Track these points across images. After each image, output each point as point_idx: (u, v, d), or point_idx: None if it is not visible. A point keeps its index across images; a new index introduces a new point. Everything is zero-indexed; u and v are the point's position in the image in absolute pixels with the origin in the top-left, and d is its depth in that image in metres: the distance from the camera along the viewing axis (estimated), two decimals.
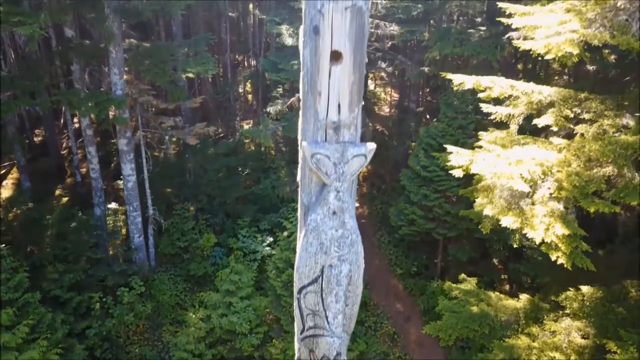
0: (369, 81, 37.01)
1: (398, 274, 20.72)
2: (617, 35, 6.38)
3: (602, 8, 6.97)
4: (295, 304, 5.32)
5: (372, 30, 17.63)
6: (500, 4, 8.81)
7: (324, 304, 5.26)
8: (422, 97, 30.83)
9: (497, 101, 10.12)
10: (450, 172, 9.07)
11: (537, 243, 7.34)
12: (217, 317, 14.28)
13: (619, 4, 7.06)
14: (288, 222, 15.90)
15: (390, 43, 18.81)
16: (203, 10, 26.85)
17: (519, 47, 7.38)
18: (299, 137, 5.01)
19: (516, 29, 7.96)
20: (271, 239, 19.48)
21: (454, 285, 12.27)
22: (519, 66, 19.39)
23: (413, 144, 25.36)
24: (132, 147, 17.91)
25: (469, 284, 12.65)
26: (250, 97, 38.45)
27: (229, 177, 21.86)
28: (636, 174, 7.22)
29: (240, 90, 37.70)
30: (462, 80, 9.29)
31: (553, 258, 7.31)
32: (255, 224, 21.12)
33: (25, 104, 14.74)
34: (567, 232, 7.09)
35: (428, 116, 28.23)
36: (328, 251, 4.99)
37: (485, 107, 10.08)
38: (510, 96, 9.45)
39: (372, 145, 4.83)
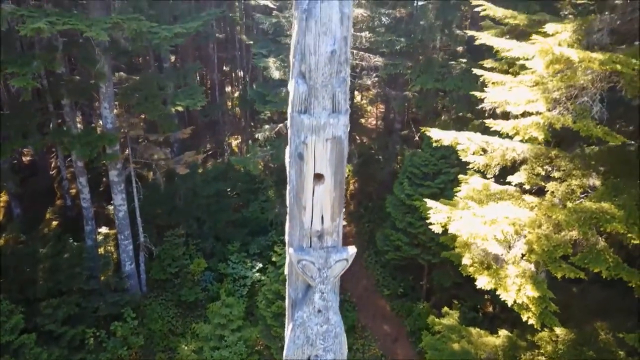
0: (355, 92, 37.48)
1: (385, 295, 21.25)
2: (579, 119, 6.93)
3: (567, 86, 7.53)
4: None
5: (357, 62, 18.13)
6: (475, 70, 9.35)
7: None
8: (407, 110, 31.36)
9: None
10: (430, 227, 9.59)
11: (510, 304, 7.88)
12: (209, 350, 14.70)
13: (581, 81, 7.63)
14: (276, 254, 16.34)
15: (375, 75, 19.33)
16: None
17: (491, 127, 7.92)
18: (286, 239, 5.50)
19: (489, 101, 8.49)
20: (260, 265, 19.91)
21: (437, 320, 12.81)
22: None
23: (400, 157, 25.97)
24: (123, 179, 18.23)
25: (452, 317, 13.21)
26: (238, 110, 38.76)
27: (219, 201, 22.22)
28: (600, 238, 7.79)
29: (229, 104, 38.12)
30: (440, 137, 9.82)
31: (524, 318, 7.86)
32: (245, 248, 21.53)
33: (19, 145, 15.02)
34: (537, 294, 7.64)
35: (414, 129, 28.78)
36: (314, 344, 5.50)
37: (464, 157, 10.62)
38: (485, 150, 10.01)
39: (352, 250, 5.36)
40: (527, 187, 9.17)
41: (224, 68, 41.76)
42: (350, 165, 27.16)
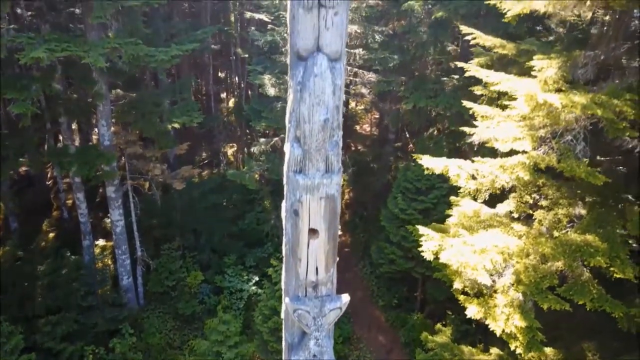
0: (349, 99, 37.66)
1: (380, 306, 21.53)
2: (563, 159, 7.22)
3: (552, 123, 7.81)
4: None
5: (351, 78, 18.39)
6: (465, 103, 9.64)
7: None
8: (401, 118, 31.56)
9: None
10: (422, 254, 9.87)
11: (498, 334, 8.16)
12: None
13: (567, 118, 7.91)
14: (272, 270, 16.56)
15: (369, 91, 19.60)
16: None
17: (477, 169, 8.20)
18: (282, 287, 5.76)
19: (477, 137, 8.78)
20: (257, 278, 20.15)
21: (430, 337, 13.08)
22: None
23: (394, 166, 26.26)
24: (120, 194, 18.43)
25: (444, 334, 13.49)
26: (233, 116, 38.89)
27: (215, 214, 22.45)
28: (585, 270, 8.09)
29: (224, 110, 38.33)
30: (431, 166, 10.09)
31: (512, 348, 8.14)
32: (241, 259, 21.78)
33: (17, 166, 15.19)
34: (524, 324, 7.93)
35: (408, 135, 29.03)
36: None
37: (455, 182, 10.90)
38: (474, 177, 10.29)
39: (346, 298, 5.62)
40: (515, 215, 9.45)
41: (220, 74, 41.93)
42: (345, 175, 27.47)
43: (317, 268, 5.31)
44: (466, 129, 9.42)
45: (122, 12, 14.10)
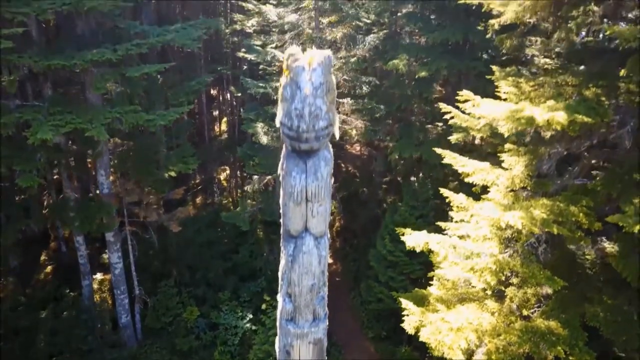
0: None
1: (370, 337, 22.42)
2: (525, 263, 8.12)
3: (520, 236, 8.70)
4: None
5: (340, 125, 19.23)
6: (442, 190, 10.52)
7: None
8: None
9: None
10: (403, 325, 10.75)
11: None
12: None
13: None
14: (266, 315, 17.43)
15: (356, 138, 20.46)
16: None
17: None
18: None
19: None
20: (251, 315, 20.96)
21: None
22: None
23: (386, 199, 27.17)
24: (119, 239, 19.16)
25: None
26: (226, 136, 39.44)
27: (210, 249, 23.24)
28: (549, 353, 8.99)
29: (217, 130, 39.05)
30: (413, 243, 10.97)
31: None
32: (236, 294, 22.57)
33: (22, 225, 15.88)
34: None
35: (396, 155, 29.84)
36: None
37: (436, 253, 11.76)
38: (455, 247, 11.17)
39: None
40: (489, 292, 10.35)
41: (212, 92, 42.48)
42: (335, 201, 28.30)
43: None
44: (442, 224, 10.33)
45: (122, 79, 14.81)
